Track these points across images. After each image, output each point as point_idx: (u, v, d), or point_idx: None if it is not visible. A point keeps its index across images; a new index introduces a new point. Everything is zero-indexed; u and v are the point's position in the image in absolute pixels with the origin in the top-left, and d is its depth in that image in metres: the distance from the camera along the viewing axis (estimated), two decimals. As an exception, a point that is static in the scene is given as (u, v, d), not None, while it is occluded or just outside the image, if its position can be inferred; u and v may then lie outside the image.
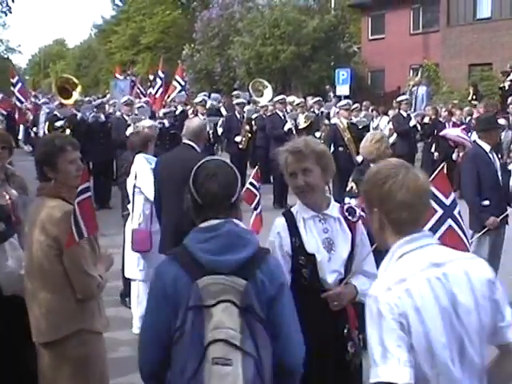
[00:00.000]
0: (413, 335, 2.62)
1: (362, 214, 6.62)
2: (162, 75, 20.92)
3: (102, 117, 16.11)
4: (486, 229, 7.81)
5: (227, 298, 3.00)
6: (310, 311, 3.71)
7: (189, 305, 3.00)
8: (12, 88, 24.82)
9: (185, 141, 6.85)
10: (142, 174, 7.46)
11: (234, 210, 3.26)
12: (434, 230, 5.38)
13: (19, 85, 24.95)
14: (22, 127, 26.50)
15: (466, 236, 5.52)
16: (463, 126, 16.00)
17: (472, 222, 7.95)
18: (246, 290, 3.02)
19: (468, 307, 2.73)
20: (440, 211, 5.30)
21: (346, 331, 4.02)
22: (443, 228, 5.35)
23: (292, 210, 4.09)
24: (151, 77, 25.93)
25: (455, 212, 5.40)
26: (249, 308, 3.01)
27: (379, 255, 3.32)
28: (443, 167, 5.54)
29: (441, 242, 5.28)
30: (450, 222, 5.36)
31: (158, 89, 20.70)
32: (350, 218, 4.09)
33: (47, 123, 17.34)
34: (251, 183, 7.27)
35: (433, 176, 5.34)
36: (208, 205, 3.20)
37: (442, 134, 16.17)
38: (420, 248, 2.83)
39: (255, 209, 7.21)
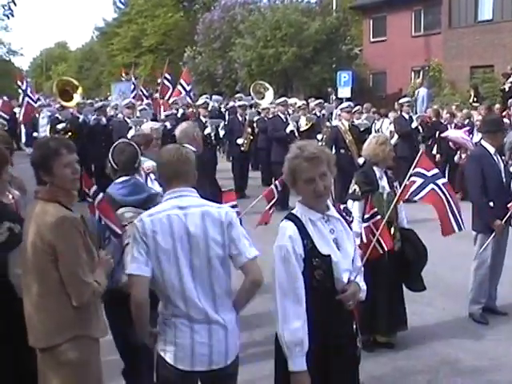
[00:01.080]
0: (149, 247, 3.95)
1: (368, 216, 6.71)
2: (169, 77, 20.94)
3: (104, 119, 16.11)
4: (494, 233, 7.80)
5: (133, 220, 4.50)
6: (323, 311, 3.91)
7: None
8: (21, 91, 24.60)
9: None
10: None
11: (137, 171, 5.65)
12: (414, 193, 5.62)
13: (29, 89, 24.88)
14: (23, 130, 26.45)
15: (452, 203, 5.66)
16: (466, 128, 15.96)
17: (475, 223, 7.93)
18: None
19: (198, 238, 4.00)
20: (420, 180, 5.50)
21: (354, 327, 4.17)
22: (424, 191, 5.56)
23: (294, 212, 4.06)
24: (159, 80, 25.92)
25: (439, 182, 5.56)
26: None
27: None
28: (422, 152, 5.76)
29: (424, 200, 5.61)
30: (432, 186, 5.54)
31: (172, 93, 20.72)
32: (347, 218, 4.19)
33: (49, 126, 17.35)
34: (275, 185, 7.47)
35: (415, 161, 5.54)
36: (120, 169, 5.46)
37: (443, 135, 16.14)
38: (177, 197, 4.12)
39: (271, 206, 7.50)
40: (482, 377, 6.56)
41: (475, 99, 24.68)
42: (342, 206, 4.26)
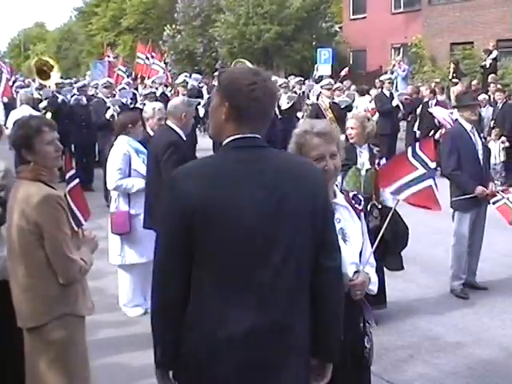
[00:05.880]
0: None
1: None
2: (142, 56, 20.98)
3: (84, 99, 16.01)
4: (471, 195, 7.77)
5: None
6: None
7: None
8: None
9: (166, 122, 7.15)
10: (110, 157, 7.62)
11: None
12: (408, 185, 5.32)
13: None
14: (1, 110, 26.18)
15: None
16: (450, 110, 15.94)
17: (453, 201, 7.98)
18: None
19: None
20: (422, 170, 5.21)
21: (361, 325, 3.80)
22: (421, 185, 5.25)
23: None
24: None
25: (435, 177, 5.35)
26: None
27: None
28: (433, 136, 5.50)
29: (414, 199, 5.13)
30: (430, 182, 5.30)
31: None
32: (356, 206, 3.82)
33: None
34: None
35: (421, 141, 5.30)
36: None
37: (430, 110, 16.08)
38: None
39: None
40: (462, 351, 6.63)
41: (454, 75, 24.72)
42: (351, 194, 3.88)
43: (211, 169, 2.99)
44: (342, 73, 24.58)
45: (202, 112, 17.57)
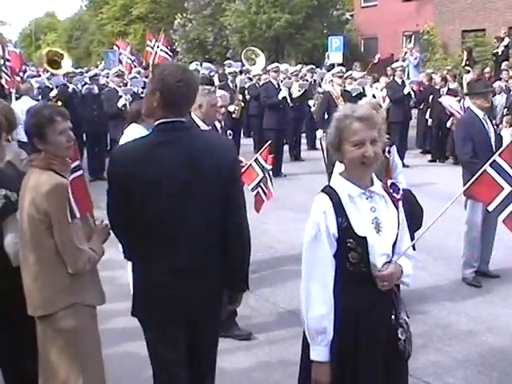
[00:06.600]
0: None
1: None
2: (151, 44, 20.91)
3: (96, 88, 16.01)
4: None
5: None
6: (357, 298, 3.57)
7: None
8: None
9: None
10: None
11: None
12: (498, 210, 4.85)
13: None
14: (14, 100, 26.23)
15: None
16: (457, 98, 15.89)
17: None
18: None
19: None
20: (508, 188, 4.82)
21: (393, 317, 3.69)
22: (509, 209, 4.84)
23: (333, 185, 3.63)
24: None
25: None
26: None
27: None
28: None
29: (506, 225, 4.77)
30: None
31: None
32: (394, 195, 3.71)
33: (40, 97, 17.26)
34: (256, 160, 7.37)
35: (502, 148, 4.90)
36: None
37: (440, 100, 16.06)
38: None
39: (252, 190, 7.40)
40: (474, 339, 6.63)
41: (467, 63, 24.61)
42: (389, 182, 3.78)
43: (140, 148, 3.87)
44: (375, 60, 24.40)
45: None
